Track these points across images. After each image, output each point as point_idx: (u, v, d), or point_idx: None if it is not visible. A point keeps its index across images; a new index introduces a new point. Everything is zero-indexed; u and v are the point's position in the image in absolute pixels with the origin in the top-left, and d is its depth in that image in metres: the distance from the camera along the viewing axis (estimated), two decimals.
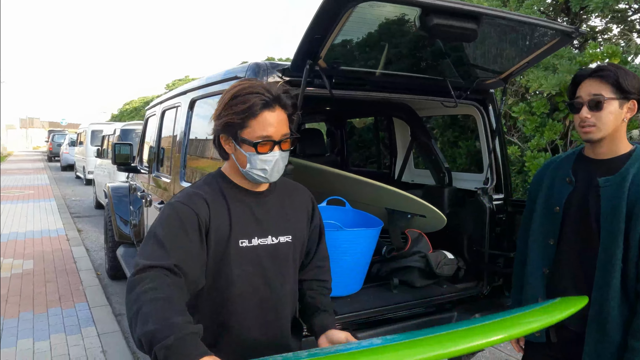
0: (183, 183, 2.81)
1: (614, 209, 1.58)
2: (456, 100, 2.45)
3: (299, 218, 1.48)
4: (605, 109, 1.58)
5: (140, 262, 1.19)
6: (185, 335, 1.03)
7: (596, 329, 1.61)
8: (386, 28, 2.04)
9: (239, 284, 1.35)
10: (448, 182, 3.03)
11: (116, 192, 5.29)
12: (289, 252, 1.43)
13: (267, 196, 1.43)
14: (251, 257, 1.36)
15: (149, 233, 1.28)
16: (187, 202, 1.31)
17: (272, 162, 1.33)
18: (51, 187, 13.90)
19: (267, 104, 1.29)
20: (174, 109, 3.27)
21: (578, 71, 1.70)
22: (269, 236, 1.38)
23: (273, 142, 1.32)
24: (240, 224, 1.35)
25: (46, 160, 27.65)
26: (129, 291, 1.15)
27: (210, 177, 1.45)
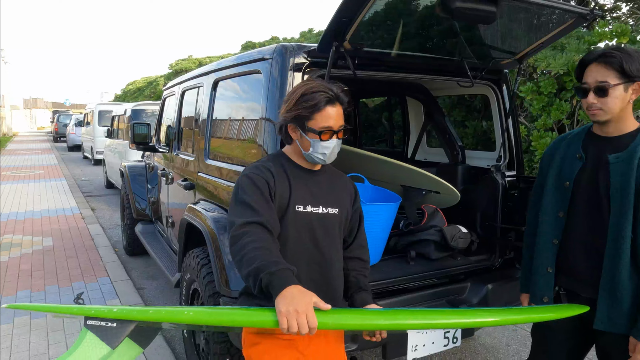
0: (208, 161, 2.93)
1: (624, 184, 1.68)
2: (472, 81, 2.54)
3: (344, 197, 1.74)
4: (611, 95, 1.67)
5: (236, 220, 1.48)
6: (285, 268, 1.34)
7: (608, 295, 1.72)
8: (408, 10, 2.13)
9: (292, 242, 1.60)
10: (462, 159, 3.13)
11: (132, 171, 5.42)
12: (335, 222, 1.68)
13: (320, 175, 1.71)
14: (304, 220, 1.61)
15: (235, 200, 1.57)
16: (258, 173, 1.59)
17: (330, 147, 1.61)
18: (60, 167, 14.06)
19: (330, 101, 1.57)
20: (195, 89, 3.37)
21: (585, 55, 1.78)
22: (320, 206, 1.64)
23: (332, 132, 1.59)
24: (298, 193, 1.61)
25: (52, 140, 27.79)
26: (233, 244, 1.45)
27: (273, 156, 1.73)
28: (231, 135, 2.76)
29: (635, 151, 1.69)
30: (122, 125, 9.45)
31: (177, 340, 3.52)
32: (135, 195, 5.18)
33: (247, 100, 2.62)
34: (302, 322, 1.23)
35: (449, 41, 2.47)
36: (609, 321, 1.74)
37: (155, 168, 4.55)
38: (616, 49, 1.69)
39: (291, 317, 1.24)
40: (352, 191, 1.79)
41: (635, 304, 1.69)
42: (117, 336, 1.30)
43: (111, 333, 1.29)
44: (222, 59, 3.01)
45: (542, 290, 1.93)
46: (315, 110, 1.56)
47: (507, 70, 2.85)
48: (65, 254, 5.46)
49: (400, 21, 2.20)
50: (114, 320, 1.31)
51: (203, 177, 2.99)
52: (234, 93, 2.82)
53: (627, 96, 1.69)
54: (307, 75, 2.23)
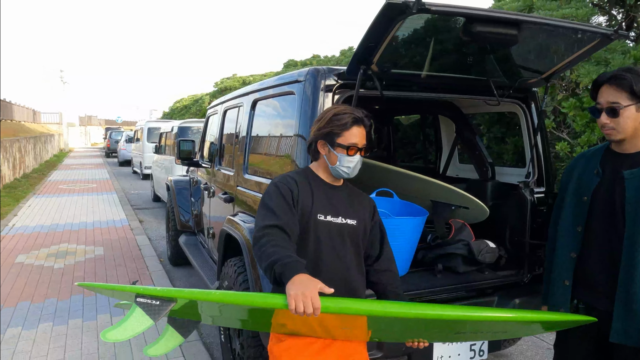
0: (246, 176, 3.12)
1: (638, 199, 1.73)
2: (499, 99, 2.62)
3: (363, 211, 1.92)
4: (622, 115, 1.73)
5: (259, 223, 1.71)
6: (295, 260, 1.54)
7: (623, 307, 1.76)
8: (433, 34, 2.25)
9: (313, 246, 1.79)
10: (491, 176, 3.19)
11: (178, 185, 5.73)
12: (352, 232, 1.85)
13: (341, 190, 1.91)
14: (325, 228, 1.80)
15: (262, 204, 1.79)
16: (285, 182, 1.81)
17: (355, 162, 1.81)
18: (111, 181, 14.83)
19: (357, 122, 1.80)
20: (236, 108, 3.60)
21: (598, 76, 1.84)
22: (339, 217, 1.83)
23: (357, 148, 1.80)
24: (319, 203, 1.82)
25: (104, 156, 29.25)
26: (255, 243, 1.66)
27: (300, 170, 1.97)
28: (267, 152, 2.94)
29: None
30: (169, 142, 9.92)
31: (215, 346, 3.70)
32: (180, 208, 5.47)
33: (282, 118, 2.81)
34: (307, 303, 1.40)
35: (476, 61, 2.57)
36: (625, 334, 1.77)
37: (199, 182, 4.81)
38: (627, 70, 1.74)
39: (298, 299, 1.40)
40: (370, 207, 1.97)
41: None
42: (159, 312, 1.50)
43: (155, 309, 1.51)
44: (265, 76, 3.22)
45: (559, 303, 1.98)
46: (345, 128, 1.78)
47: (535, 89, 2.91)
48: (114, 262, 5.81)
49: (426, 44, 2.33)
50: (158, 298, 1.52)
51: (241, 191, 3.18)
52: (271, 112, 3.02)
53: (639, 116, 1.75)
54: (337, 95, 2.38)
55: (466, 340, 1.93)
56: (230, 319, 2.01)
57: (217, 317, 1.93)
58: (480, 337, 2.07)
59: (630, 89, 1.71)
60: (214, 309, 1.71)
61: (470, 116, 5.72)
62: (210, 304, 1.60)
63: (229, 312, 1.75)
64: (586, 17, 7.77)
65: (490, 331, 1.88)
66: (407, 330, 1.82)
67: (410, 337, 1.84)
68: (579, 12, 7.68)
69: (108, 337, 1.47)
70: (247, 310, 1.66)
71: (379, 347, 2.29)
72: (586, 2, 8.22)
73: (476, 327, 1.77)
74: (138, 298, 1.51)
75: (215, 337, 3.86)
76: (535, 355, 3.61)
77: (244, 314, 1.75)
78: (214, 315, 1.88)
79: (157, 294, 1.52)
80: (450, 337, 1.90)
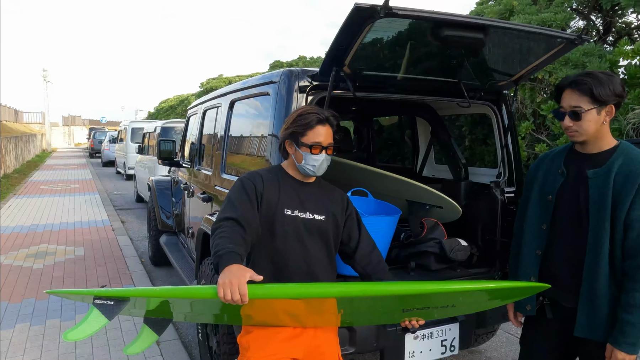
0: (224, 175, 3.15)
1: (601, 198, 1.80)
2: (469, 101, 2.69)
3: (334, 207, 1.97)
4: (584, 119, 1.80)
5: (218, 216, 1.79)
6: (231, 252, 1.60)
7: (587, 303, 1.83)
8: (404, 37, 2.31)
9: (281, 239, 1.85)
10: (464, 176, 3.26)
11: (159, 185, 5.72)
12: (320, 227, 1.91)
13: (311, 187, 1.96)
14: (292, 223, 1.87)
15: (226, 198, 1.87)
16: (250, 178, 1.89)
17: (319, 160, 1.87)
18: (94, 182, 14.69)
19: (320, 121, 1.86)
20: (215, 108, 3.63)
21: (560, 80, 1.91)
22: (307, 212, 1.89)
23: (322, 147, 1.85)
24: (287, 198, 1.88)
25: (87, 156, 28.92)
26: (212, 234, 1.73)
27: (272, 167, 2.06)
28: (244, 151, 2.98)
29: (612, 167, 1.80)
30: (152, 142, 9.88)
31: (193, 345, 3.72)
32: (161, 208, 5.47)
33: (258, 118, 2.84)
34: (234, 290, 1.48)
35: (447, 64, 2.63)
36: (589, 328, 1.83)
37: (179, 182, 4.82)
38: (587, 74, 1.80)
39: (225, 287, 1.48)
40: (342, 200, 2.03)
41: (613, 312, 1.78)
42: (114, 311, 1.60)
43: (110, 309, 1.60)
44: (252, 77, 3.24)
45: (526, 299, 2.03)
46: (308, 127, 1.85)
47: (506, 91, 2.98)
48: (95, 262, 5.78)
49: (398, 46, 2.38)
50: (112, 298, 1.61)
51: (219, 190, 3.21)
52: (248, 112, 3.06)
53: (600, 118, 1.81)
54: (311, 96, 2.43)
55: (418, 316, 1.94)
56: (201, 315, 2.06)
57: (189, 313, 1.97)
58: (430, 315, 2.06)
59: (591, 94, 1.77)
60: (184, 305, 1.77)
61: (453, 117, 5.86)
62: (178, 301, 1.67)
63: (197, 308, 1.80)
64: (565, 21, 7.95)
65: (439, 306, 1.90)
66: (373, 311, 1.87)
67: (377, 317, 1.89)
68: (558, 16, 7.86)
69: (69, 337, 1.56)
70: (210, 305, 1.71)
71: (351, 342, 2.34)
72: (565, 7, 8.41)
73: (422, 301, 1.80)
74: (95, 300, 1.60)
75: (193, 336, 3.88)
76: (508, 351, 3.69)
77: (210, 308, 1.80)
78: (186, 312, 1.93)
79: (112, 294, 1.61)
80: (398, 315, 1.91)
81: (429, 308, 1.88)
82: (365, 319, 2.05)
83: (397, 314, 1.89)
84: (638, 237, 1.73)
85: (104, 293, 1.61)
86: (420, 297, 1.73)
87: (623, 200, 1.75)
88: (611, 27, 8.85)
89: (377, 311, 1.89)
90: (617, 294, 1.79)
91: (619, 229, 1.76)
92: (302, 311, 1.74)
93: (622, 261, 1.77)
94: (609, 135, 1.87)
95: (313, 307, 1.71)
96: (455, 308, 1.92)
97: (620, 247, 1.77)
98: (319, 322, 1.89)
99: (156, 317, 1.82)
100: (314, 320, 1.85)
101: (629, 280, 1.75)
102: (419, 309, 1.84)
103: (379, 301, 1.73)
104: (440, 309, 1.93)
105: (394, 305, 1.82)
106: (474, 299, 1.85)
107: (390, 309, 1.87)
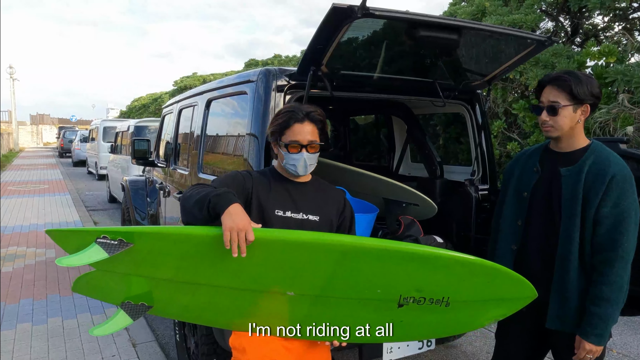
0: (201, 175, 3.13)
1: (573, 195, 1.86)
2: (444, 100, 2.75)
3: (329, 207, 1.90)
4: (561, 114, 1.87)
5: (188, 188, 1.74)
6: (228, 191, 1.60)
7: (558, 296, 1.90)
8: (380, 38, 2.34)
9: None
10: (440, 174, 3.32)
11: (133, 185, 5.63)
12: (314, 228, 1.83)
13: (305, 186, 1.91)
14: (284, 225, 1.80)
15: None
16: (241, 172, 1.87)
17: (299, 159, 1.80)
18: (64, 182, 14.31)
19: (297, 119, 1.80)
20: (191, 107, 3.59)
21: (543, 77, 1.98)
22: (300, 213, 1.83)
23: (301, 145, 1.79)
24: (278, 199, 1.83)
25: (57, 156, 28.15)
26: (183, 201, 1.69)
27: (264, 169, 2.03)
28: (221, 150, 2.96)
29: (584, 165, 1.87)
30: (126, 141, 9.70)
31: (170, 347, 3.68)
32: (136, 208, 5.38)
33: (235, 117, 2.83)
34: (242, 236, 1.49)
35: (423, 64, 2.68)
36: (559, 320, 1.90)
37: (155, 182, 4.75)
38: (569, 73, 1.88)
39: (233, 232, 1.48)
40: (340, 203, 1.96)
41: (582, 305, 1.85)
42: (117, 249, 1.58)
43: (114, 248, 1.58)
44: (226, 76, 3.21)
45: None
46: (285, 127, 1.81)
47: (480, 90, 3.05)
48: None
49: (375, 46, 2.41)
50: (118, 234, 1.59)
51: None
52: (224, 111, 3.04)
53: (576, 116, 1.88)
54: (288, 95, 2.43)
55: (413, 312, 1.74)
56: (196, 307, 1.90)
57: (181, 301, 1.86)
58: (423, 312, 1.78)
59: (570, 91, 1.84)
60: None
61: (428, 116, 5.94)
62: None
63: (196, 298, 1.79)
64: (534, 22, 8.16)
65: (435, 298, 1.73)
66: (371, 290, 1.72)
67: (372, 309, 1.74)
68: (528, 17, 8.06)
69: (64, 262, 1.56)
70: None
71: None
72: (535, 8, 8.63)
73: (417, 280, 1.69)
74: (99, 239, 1.56)
75: (170, 337, 3.84)
76: (483, 345, 3.78)
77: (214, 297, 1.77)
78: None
79: (118, 230, 1.60)
80: (394, 306, 1.73)
81: (424, 300, 1.71)
82: (358, 306, 1.78)
83: (394, 305, 1.73)
84: (606, 233, 1.80)
85: (107, 230, 1.58)
86: (414, 271, 1.65)
87: (593, 197, 1.82)
88: (579, 28, 9.12)
89: (374, 292, 1.71)
90: (586, 287, 1.86)
91: (589, 225, 1.83)
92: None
93: (591, 256, 1.84)
94: (582, 134, 1.94)
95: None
96: (449, 310, 1.75)
97: (589, 243, 1.84)
98: None
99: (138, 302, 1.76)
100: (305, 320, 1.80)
101: (597, 273, 1.82)
102: (415, 301, 1.70)
103: (386, 268, 1.65)
104: (435, 304, 1.73)
105: (395, 282, 1.69)
106: (464, 287, 1.73)
107: (390, 288, 1.70)
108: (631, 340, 3.94)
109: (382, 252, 1.63)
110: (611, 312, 1.80)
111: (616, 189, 1.79)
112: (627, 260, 1.80)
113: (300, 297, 1.73)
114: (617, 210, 1.79)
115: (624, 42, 8.02)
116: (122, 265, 1.69)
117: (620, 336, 3.99)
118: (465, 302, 1.78)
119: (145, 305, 1.78)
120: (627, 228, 1.79)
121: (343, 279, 1.68)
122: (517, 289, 1.80)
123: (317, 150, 1.84)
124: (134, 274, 1.73)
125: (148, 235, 1.66)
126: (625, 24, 8.77)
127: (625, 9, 8.27)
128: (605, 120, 6.05)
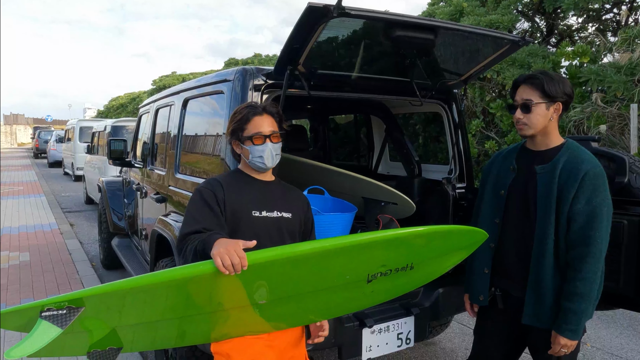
0: (178, 175, 3.09)
1: (547, 192, 1.89)
2: (421, 100, 2.77)
3: (297, 205, 1.95)
4: (534, 112, 1.90)
5: (182, 231, 1.75)
6: (214, 233, 1.63)
7: (534, 292, 1.93)
8: (357, 37, 2.34)
9: None
10: (418, 173, 3.35)
11: (110, 186, 5.53)
12: (289, 225, 1.89)
13: (273, 186, 1.94)
14: (261, 224, 1.83)
15: (185, 212, 1.82)
16: (207, 186, 1.84)
17: (265, 150, 1.82)
18: (40, 183, 14.00)
19: (256, 113, 1.84)
20: (167, 107, 3.54)
21: (517, 77, 2.02)
22: (274, 211, 1.86)
23: (264, 136, 1.82)
24: (253, 200, 1.84)
25: (32, 157, 27.52)
26: (178, 253, 1.73)
27: (230, 171, 2.04)
28: (198, 150, 2.93)
29: (558, 163, 1.90)
30: (102, 142, 9.53)
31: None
32: (113, 209, 5.29)
33: (212, 117, 2.81)
34: (232, 254, 1.45)
35: (400, 63, 2.70)
36: (535, 316, 1.93)
37: (132, 183, 4.68)
38: (541, 72, 1.93)
39: (223, 255, 1.46)
40: (304, 203, 2.01)
41: (557, 301, 1.89)
42: (67, 320, 1.41)
43: (62, 318, 1.41)
44: (206, 75, 3.17)
45: (479, 290, 2.12)
46: (245, 121, 1.83)
47: (456, 90, 3.08)
48: (42, 268, 5.52)
49: (352, 46, 2.42)
50: (64, 305, 1.42)
51: (173, 190, 3.14)
52: (201, 111, 3.01)
53: (548, 114, 1.91)
54: (266, 95, 2.42)
55: (383, 285, 1.81)
56: (163, 330, 1.79)
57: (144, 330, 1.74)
58: (394, 282, 1.88)
59: (542, 89, 1.88)
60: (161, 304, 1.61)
61: (407, 116, 5.98)
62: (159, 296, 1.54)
63: (161, 324, 1.68)
64: (511, 23, 8.29)
65: (399, 267, 1.78)
66: (340, 276, 1.73)
67: (343, 289, 1.77)
68: (505, 18, 8.18)
69: (12, 354, 1.33)
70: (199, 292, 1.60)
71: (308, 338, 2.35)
72: (511, 9, 8.76)
73: (381, 258, 1.72)
74: (43, 313, 1.39)
75: None
76: (462, 342, 3.82)
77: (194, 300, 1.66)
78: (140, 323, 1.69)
79: (62, 299, 1.42)
80: (363, 285, 1.78)
81: (390, 271, 1.76)
82: (331, 293, 1.81)
83: (363, 283, 1.76)
84: (579, 230, 1.84)
85: (49, 301, 1.40)
86: (378, 250, 1.68)
87: (567, 194, 1.85)
88: (554, 29, 9.31)
89: (343, 279, 1.74)
90: (561, 283, 1.89)
91: (563, 221, 1.86)
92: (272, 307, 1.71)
93: (566, 252, 1.88)
94: (556, 133, 1.97)
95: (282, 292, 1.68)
96: (414, 271, 1.81)
97: (564, 239, 1.87)
98: (288, 317, 1.84)
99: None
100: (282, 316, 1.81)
101: (571, 270, 1.85)
102: (382, 274, 1.75)
103: (352, 259, 1.67)
104: (401, 271, 1.79)
105: (361, 267, 1.71)
106: (425, 251, 1.80)
107: (357, 272, 1.74)
108: (605, 334, 4.03)
109: (345, 249, 1.64)
110: (585, 307, 1.83)
111: (589, 186, 1.83)
112: (600, 256, 1.84)
113: (272, 302, 1.72)
114: (589, 207, 1.83)
115: (597, 42, 8.23)
116: (78, 325, 1.52)
117: (594, 330, 4.08)
118: (427, 260, 1.86)
119: (114, 349, 1.67)
120: (600, 224, 1.82)
121: (312, 277, 1.70)
122: (470, 237, 1.89)
123: (279, 141, 1.87)
124: (94, 329, 1.60)
125: (98, 297, 1.50)
126: (599, 24, 8.99)
127: (599, 10, 8.48)
128: (580, 119, 6.19)
